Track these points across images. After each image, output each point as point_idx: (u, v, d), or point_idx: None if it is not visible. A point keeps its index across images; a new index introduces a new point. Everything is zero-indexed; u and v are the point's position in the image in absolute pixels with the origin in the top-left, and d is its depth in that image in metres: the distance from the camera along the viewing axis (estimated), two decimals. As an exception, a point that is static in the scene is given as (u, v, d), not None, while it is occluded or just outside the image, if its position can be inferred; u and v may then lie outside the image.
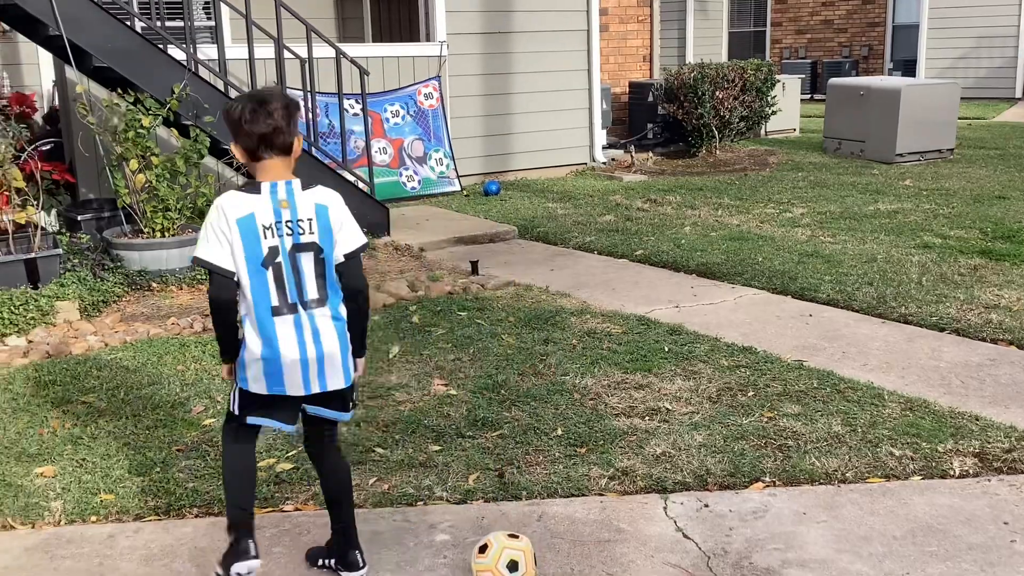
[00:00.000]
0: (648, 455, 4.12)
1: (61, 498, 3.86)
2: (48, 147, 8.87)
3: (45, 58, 9.67)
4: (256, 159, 2.98)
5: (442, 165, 10.37)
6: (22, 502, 3.84)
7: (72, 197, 8.43)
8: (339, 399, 3.15)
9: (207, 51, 8.34)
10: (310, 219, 2.99)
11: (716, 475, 3.94)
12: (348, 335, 3.12)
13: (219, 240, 2.95)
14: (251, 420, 3.15)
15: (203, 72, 7.56)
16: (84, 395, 4.87)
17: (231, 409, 3.16)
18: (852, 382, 4.88)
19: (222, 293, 3.00)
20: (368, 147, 8.92)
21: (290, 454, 4.18)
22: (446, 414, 4.59)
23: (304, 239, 2.99)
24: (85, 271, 6.51)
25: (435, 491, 3.87)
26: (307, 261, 3.00)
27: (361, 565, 3.26)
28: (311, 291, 3.02)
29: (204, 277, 6.96)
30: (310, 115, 8.53)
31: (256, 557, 3.11)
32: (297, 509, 3.76)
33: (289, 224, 2.97)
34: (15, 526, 3.70)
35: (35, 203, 6.60)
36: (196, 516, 3.74)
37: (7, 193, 6.57)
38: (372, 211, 8.23)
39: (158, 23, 7.64)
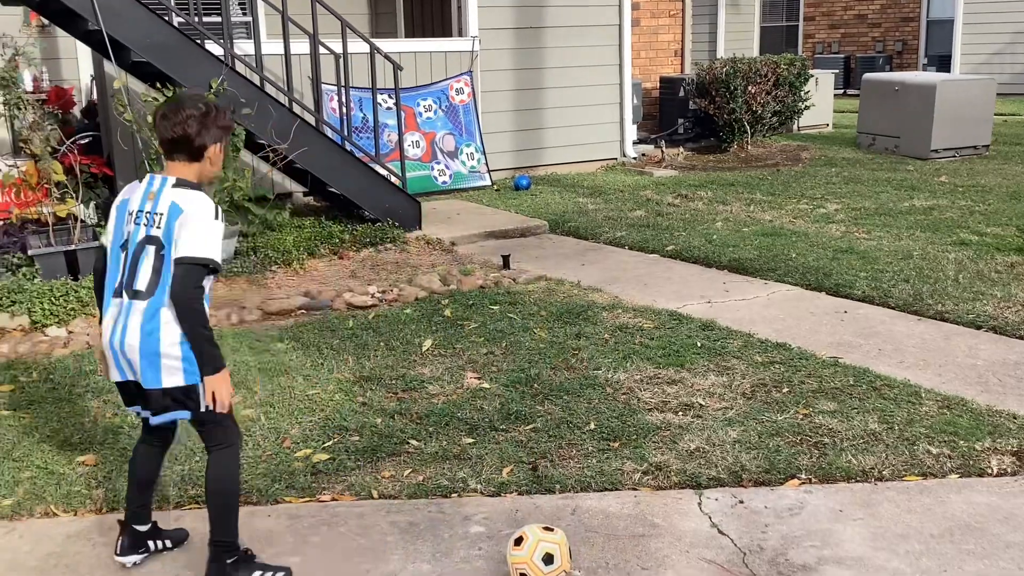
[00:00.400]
0: (682, 450, 4.13)
1: (103, 486, 3.92)
2: (87, 140, 8.98)
3: (84, 52, 9.79)
4: (167, 157, 3.17)
5: (473, 159, 10.40)
6: (64, 490, 3.90)
7: (110, 190, 8.52)
8: (171, 398, 3.12)
9: (243, 47, 8.41)
10: (162, 214, 3.08)
11: (751, 471, 3.94)
12: (165, 336, 3.06)
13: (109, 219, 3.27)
14: (128, 408, 3.31)
15: (239, 67, 7.63)
16: (123, 385, 4.94)
17: None
18: (888, 379, 4.85)
19: (94, 263, 3.36)
20: (401, 141, 8.96)
21: (326, 445, 4.22)
22: (479, 407, 4.62)
23: (153, 232, 3.08)
24: (123, 263, 6.59)
25: (469, 483, 3.89)
26: (149, 253, 3.09)
27: None
28: (141, 282, 3.08)
29: (239, 270, 7.04)
30: (343, 110, 8.59)
31: (119, 554, 3.38)
32: (334, 499, 3.80)
33: (148, 215, 3.10)
34: (57, 513, 3.77)
35: (74, 196, 6.70)
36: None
37: (47, 186, 6.67)
38: (404, 205, 8.27)
39: (195, 18, 7.71)
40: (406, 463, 4.08)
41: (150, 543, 3.42)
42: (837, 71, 17.63)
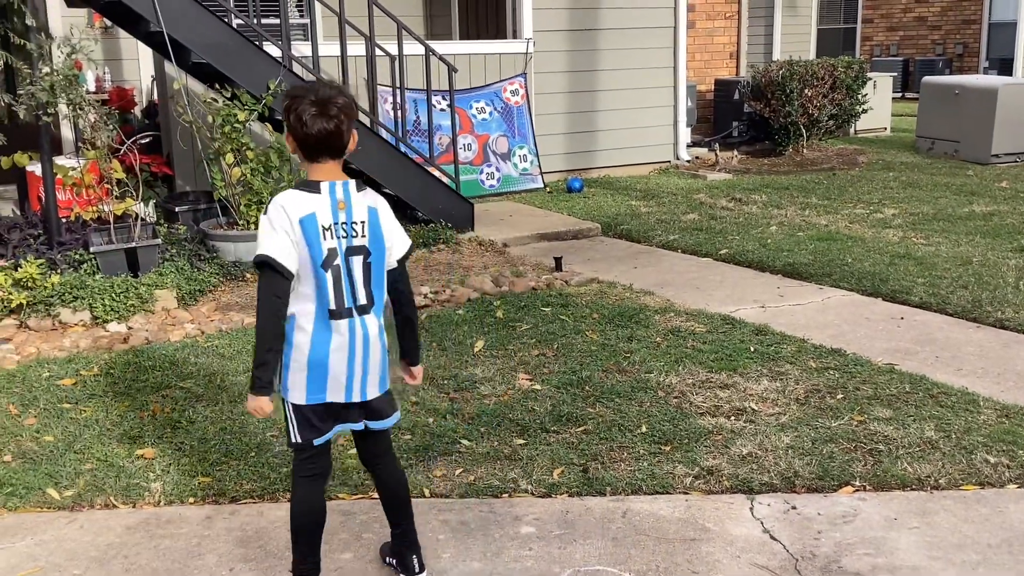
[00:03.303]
0: (734, 455, 4.10)
1: (161, 480, 4.00)
2: (147, 140, 9.14)
3: (145, 53, 9.99)
4: (313, 160, 2.90)
5: (526, 162, 10.41)
6: (123, 482, 3.99)
7: (169, 189, 8.69)
8: (380, 407, 3.10)
9: (301, 48, 8.52)
10: (363, 222, 2.93)
11: (804, 477, 3.90)
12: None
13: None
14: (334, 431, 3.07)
15: (297, 69, 7.73)
16: (182, 380, 5.04)
17: (293, 439, 3.04)
18: (945, 387, 4.77)
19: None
20: (454, 143, 9.00)
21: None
22: (531, 409, 4.63)
23: (356, 242, 2.94)
24: (183, 261, 6.72)
25: (520, 484, 3.90)
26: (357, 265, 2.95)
27: (417, 570, 3.22)
28: (361, 296, 2.97)
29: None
30: (398, 112, 8.66)
31: None
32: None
33: (346, 226, 2.90)
34: (117, 505, 3.85)
35: (134, 194, 6.83)
36: (290, 500, 3.83)
37: (108, 185, 6.82)
38: (457, 206, 8.31)
39: (254, 20, 7.82)
40: (457, 463, 4.10)
41: None
42: (895, 74, 17.36)
